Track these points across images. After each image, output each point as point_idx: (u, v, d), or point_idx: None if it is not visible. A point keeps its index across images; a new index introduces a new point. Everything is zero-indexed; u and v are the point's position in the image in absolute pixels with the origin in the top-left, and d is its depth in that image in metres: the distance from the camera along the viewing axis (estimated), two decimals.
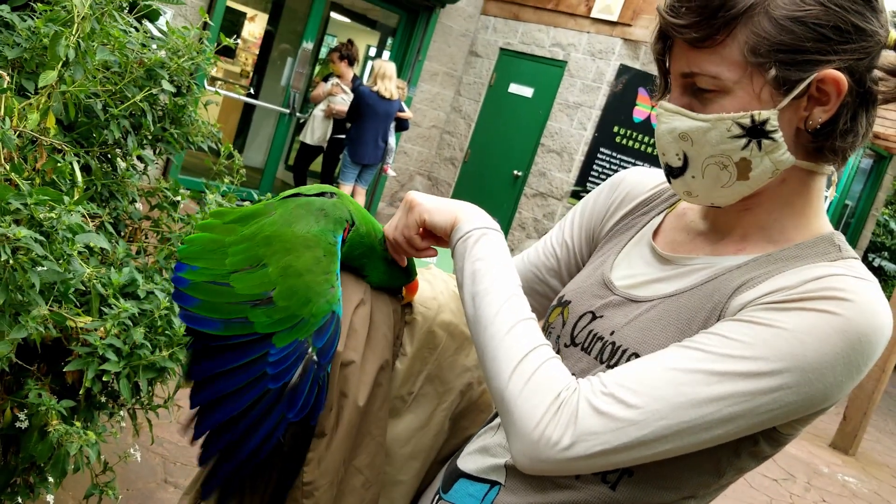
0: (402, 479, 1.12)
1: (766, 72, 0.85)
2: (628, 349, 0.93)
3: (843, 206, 10.07)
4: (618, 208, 1.13)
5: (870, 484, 6.00)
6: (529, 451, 0.84)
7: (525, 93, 8.79)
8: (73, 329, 1.51)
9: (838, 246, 0.92)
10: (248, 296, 0.96)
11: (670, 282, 0.97)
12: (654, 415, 0.81)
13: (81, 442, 1.44)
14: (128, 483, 2.71)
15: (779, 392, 0.81)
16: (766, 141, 0.87)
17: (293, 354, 0.94)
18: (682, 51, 0.89)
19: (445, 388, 1.15)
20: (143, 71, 1.84)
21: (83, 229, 1.46)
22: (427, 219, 1.03)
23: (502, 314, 0.91)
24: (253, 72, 11.23)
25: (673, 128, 0.91)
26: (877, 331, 0.81)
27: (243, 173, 2.30)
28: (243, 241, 1.01)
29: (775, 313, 0.82)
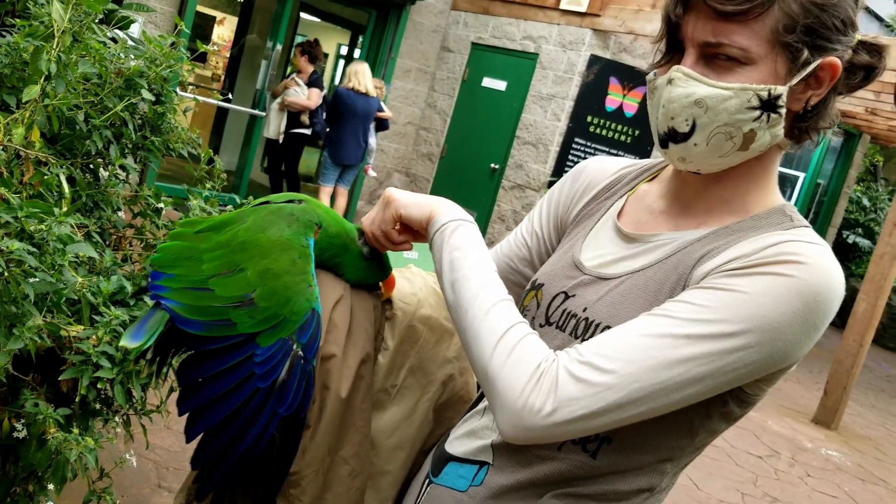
0: (388, 469, 1.16)
1: (790, 51, 0.91)
2: (601, 323, 0.99)
3: (815, 185, 10.20)
4: (582, 195, 1.19)
5: (852, 457, 6.12)
6: (514, 420, 0.89)
7: (498, 86, 8.84)
8: (66, 338, 1.54)
9: (790, 216, 0.98)
10: (229, 298, 0.99)
11: (636, 258, 1.03)
12: (628, 378, 0.87)
13: (80, 448, 1.46)
14: (122, 489, 2.73)
15: (742, 351, 0.87)
16: (774, 115, 0.93)
17: (279, 353, 0.98)
18: (707, 19, 0.92)
19: (428, 380, 1.19)
20: (123, 81, 1.86)
21: (73, 240, 1.49)
22: (403, 213, 1.08)
23: (481, 297, 0.96)
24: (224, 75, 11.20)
25: (690, 93, 0.94)
26: (830, 290, 0.87)
27: (224, 178, 2.32)
28: (219, 248, 1.05)
29: (735, 279, 0.89)
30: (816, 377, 8.57)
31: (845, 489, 5.30)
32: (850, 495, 5.20)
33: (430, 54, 9.41)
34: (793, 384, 8.00)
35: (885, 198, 13.92)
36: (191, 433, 0.98)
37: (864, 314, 6.62)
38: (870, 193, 14.11)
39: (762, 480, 4.98)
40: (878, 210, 13.67)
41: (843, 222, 12.72)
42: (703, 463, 4.95)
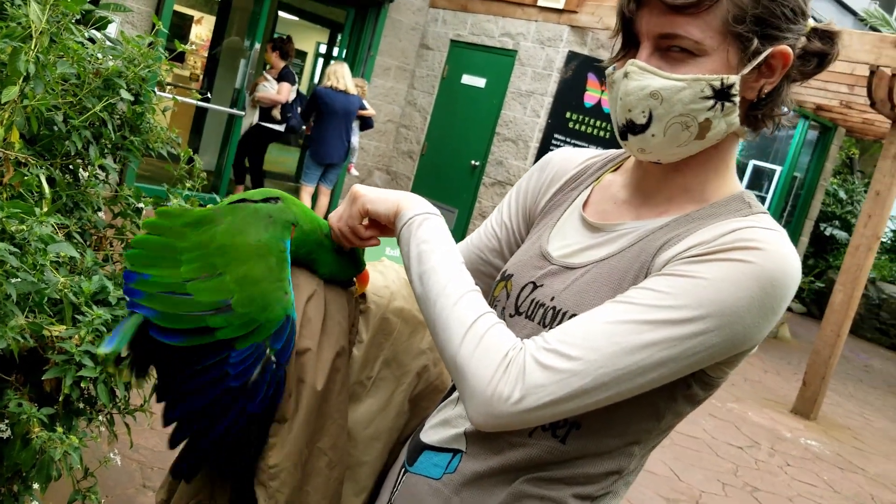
0: (366, 459, 1.18)
1: (741, 41, 0.94)
2: (567, 311, 1.02)
3: (792, 178, 10.30)
4: (549, 186, 1.22)
5: (831, 446, 6.20)
6: (484, 408, 0.91)
7: (478, 83, 8.86)
8: (49, 338, 1.54)
9: (748, 203, 1.01)
10: (207, 304, 1.01)
11: (601, 247, 1.06)
12: (593, 364, 0.89)
13: (64, 447, 1.47)
14: (107, 489, 2.73)
15: (703, 336, 0.89)
16: (727, 103, 0.96)
17: (252, 357, 1.01)
18: (660, 13, 0.95)
19: (402, 371, 1.22)
20: (101, 81, 1.86)
21: (54, 240, 1.50)
22: (370, 208, 1.09)
23: (449, 288, 0.98)
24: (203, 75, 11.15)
25: (645, 85, 0.97)
26: (786, 275, 0.90)
27: (204, 177, 2.33)
28: (196, 249, 1.05)
29: (695, 265, 0.91)
30: (795, 368, 8.67)
31: (824, 478, 5.37)
32: (829, 484, 5.27)
33: (409, 52, 9.42)
34: (772, 375, 8.09)
35: (861, 190, 14.08)
36: (167, 418, 1.02)
37: (841, 305, 6.70)
38: (846, 186, 14.26)
39: (742, 470, 5.04)
40: (855, 202, 13.82)
41: (820, 215, 12.86)
42: (684, 454, 5.00)
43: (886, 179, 6.47)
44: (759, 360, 8.63)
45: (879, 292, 12.64)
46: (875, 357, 11.44)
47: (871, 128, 9.93)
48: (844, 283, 6.70)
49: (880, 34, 6.23)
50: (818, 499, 4.92)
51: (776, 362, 8.83)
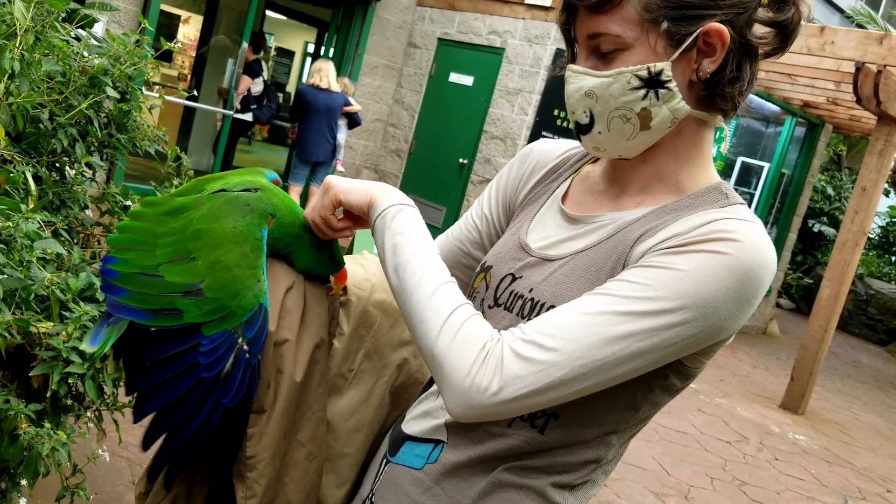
0: (347, 451, 1.19)
1: (659, 26, 0.95)
2: (545, 303, 1.02)
3: (780, 175, 10.35)
4: (529, 178, 1.23)
5: (819, 441, 6.24)
6: (462, 400, 0.91)
7: (465, 81, 8.87)
8: (36, 334, 1.54)
9: (726, 194, 1.02)
10: (177, 285, 1.01)
11: (579, 239, 1.07)
12: (571, 355, 0.90)
13: (52, 442, 1.47)
14: (96, 487, 2.73)
15: (679, 327, 0.90)
16: (662, 90, 0.97)
17: (224, 345, 1.00)
18: (585, 17, 0.99)
19: (383, 364, 1.22)
20: (87, 79, 1.87)
21: (40, 236, 1.50)
22: (343, 199, 1.09)
23: (425, 280, 0.98)
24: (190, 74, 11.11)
25: (580, 87, 1.01)
26: (762, 266, 0.91)
27: (192, 175, 2.33)
28: (173, 234, 1.06)
29: (671, 257, 0.92)
30: (783, 363, 8.72)
31: (812, 472, 5.41)
32: (817, 477, 5.31)
33: (396, 50, 9.43)
34: (760, 371, 8.14)
35: (849, 186, 14.16)
36: (138, 414, 1.01)
37: (829, 300, 6.75)
38: (834, 183, 14.35)
39: (731, 465, 5.07)
40: (843, 199, 13.91)
41: (808, 211, 12.93)
42: (672, 449, 5.03)
43: (872, 175, 6.52)
44: (748, 355, 8.68)
45: (867, 288, 12.72)
46: (863, 352, 11.51)
47: (857, 124, 9.99)
48: (832, 278, 6.74)
49: (866, 31, 6.27)
50: (806, 492, 4.95)
51: (765, 357, 8.88)
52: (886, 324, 12.59)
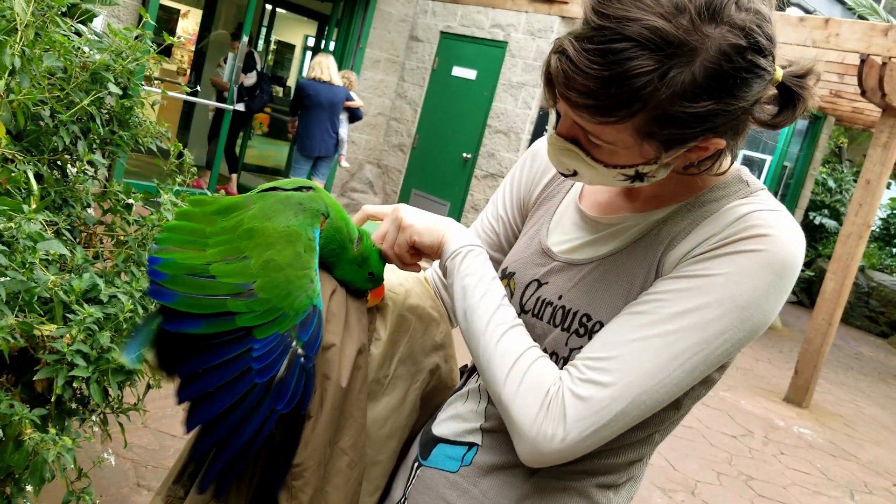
0: (380, 459, 1.16)
1: (653, 143, 0.89)
2: (579, 311, 1.01)
3: (782, 168, 10.32)
4: (541, 177, 1.21)
5: (824, 434, 6.22)
6: (531, 448, 0.93)
7: (468, 75, 8.83)
8: (40, 337, 1.51)
9: (746, 182, 1.00)
10: (228, 286, 0.97)
11: (604, 243, 1.05)
12: (629, 387, 0.90)
13: (58, 448, 1.44)
14: (101, 489, 2.70)
15: (728, 332, 0.91)
16: (647, 178, 0.95)
17: (277, 348, 0.96)
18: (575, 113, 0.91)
19: (417, 369, 1.20)
20: (88, 75, 1.83)
21: (43, 237, 1.47)
22: (417, 240, 1.09)
23: (492, 325, 0.99)
24: (190, 69, 11.07)
25: (564, 158, 0.97)
26: (794, 255, 0.91)
27: (195, 171, 2.30)
28: (224, 233, 1.02)
29: (707, 263, 0.92)
30: (787, 357, 8.70)
31: (818, 466, 5.39)
32: (823, 471, 5.29)
33: (398, 44, 9.38)
34: (764, 364, 8.12)
35: (850, 179, 14.12)
36: (189, 424, 0.96)
37: (833, 293, 6.72)
38: (835, 175, 14.30)
39: (737, 460, 5.04)
40: (844, 191, 13.87)
41: (810, 204, 12.90)
42: (678, 444, 5.01)
43: (876, 168, 6.48)
44: (751, 348, 8.66)
45: (869, 280, 12.69)
46: (865, 345, 11.49)
47: (860, 116, 9.95)
48: (836, 271, 6.71)
49: (870, 23, 6.22)
50: (812, 487, 4.93)
51: (768, 351, 8.85)
52: (888, 316, 12.56)
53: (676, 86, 0.83)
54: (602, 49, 0.83)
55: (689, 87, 0.83)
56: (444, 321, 1.23)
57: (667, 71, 0.82)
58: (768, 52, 0.87)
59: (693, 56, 0.82)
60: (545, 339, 1.04)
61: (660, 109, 0.84)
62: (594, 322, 0.99)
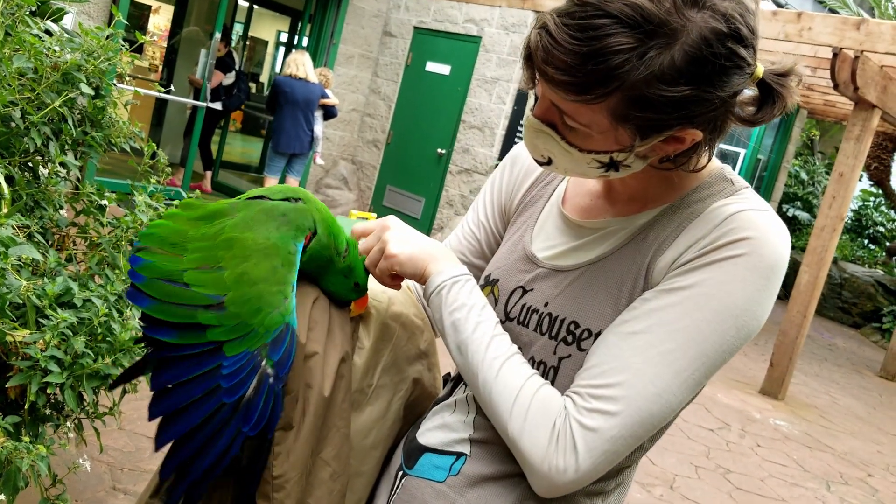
0: (364, 470, 1.14)
1: (629, 128, 0.88)
2: (566, 318, 1.00)
3: (756, 161, 10.41)
4: (522, 182, 1.19)
5: (800, 426, 6.29)
6: (545, 483, 0.93)
7: (442, 70, 8.81)
8: (12, 343, 1.48)
9: (730, 180, 0.99)
10: (200, 296, 0.94)
11: (589, 248, 1.03)
12: (637, 412, 0.90)
13: (32, 457, 1.41)
14: (76, 493, 2.66)
15: (725, 342, 0.91)
16: (622, 167, 0.94)
17: (246, 367, 0.93)
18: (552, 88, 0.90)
19: (401, 378, 1.18)
20: (60, 75, 1.80)
21: (15, 242, 1.44)
22: (399, 270, 1.06)
23: (488, 359, 0.98)
24: (162, 66, 10.95)
25: (540, 142, 0.96)
26: (782, 255, 0.91)
27: (169, 171, 2.26)
28: (204, 240, 1.00)
29: (696, 273, 0.91)
30: (762, 349, 8.78)
31: (794, 457, 5.44)
32: (799, 463, 5.34)
33: (372, 39, 9.34)
34: (740, 357, 8.19)
35: (822, 171, 14.28)
36: (159, 441, 0.93)
37: (807, 286, 6.78)
38: (807, 167, 14.46)
39: (714, 453, 5.08)
40: (816, 183, 14.03)
41: (784, 196, 13.03)
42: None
43: (850, 161, 6.55)
44: None
45: (841, 272, 12.85)
46: (838, 336, 11.64)
47: (832, 109, 10.06)
48: (810, 264, 6.77)
49: (843, 17, 6.29)
50: (789, 479, 4.98)
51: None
52: (860, 307, 12.73)
53: (654, 67, 0.82)
54: (582, 24, 0.82)
55: (667, 69, 0.82)
56: (427, 329, 1.21)
57: (646, 51, 0.81)
58: (749, 43, 0.86)
59: (673, 38, 0.82)
60: (532, 348, 1.02)
61: (637, 90, 0.83)
62: (582, 329, 0.98)
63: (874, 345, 11.78)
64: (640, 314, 0.93)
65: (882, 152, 12.71)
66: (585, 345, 0.97)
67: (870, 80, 6.25)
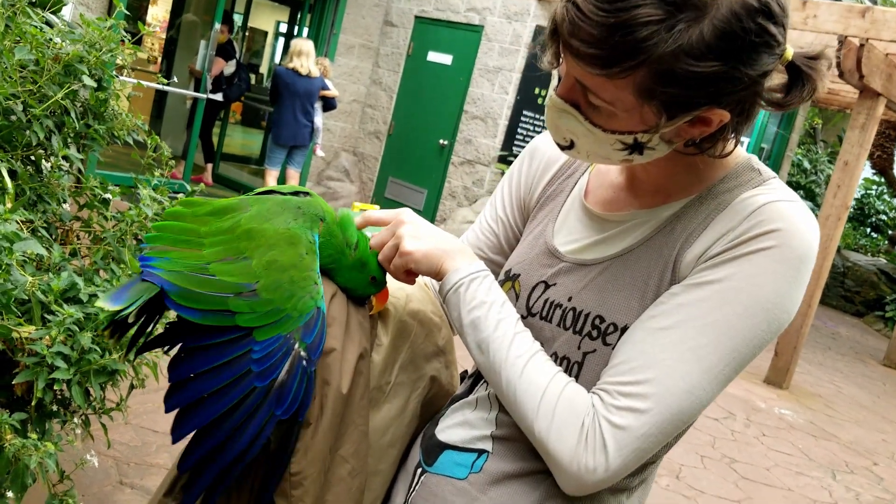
0: (381, 468, 1.13)
1: (654, 106, 0.86)
2: (591, 312, 0.98)
3: (760, 149, 10.37)
4: (542, 176, 1.17)
5: (804, 415, 6.28)
6: (575, 482, 0.92)
7: (444, 60, 8.77)
8: (18, 340, 1.46)
9: (758, 170, 0.97)
10: (230, 285, 0.93)
11: (614, 241, 1.01)
12: (666, 409, 0.89)
13: (40, 454, 1.40)
14: (83, 488, 2.65)
15: (756, 336, 0.89)
16: (647, 150, 0.92)
17: (279, 351, 0.93)
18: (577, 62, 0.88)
19: (418, 375, 1.17)
20: (61, 67, 1.77)
21: (19, 237, 1.42)
22: (414, 268, 1.04)
23: (511, 357, 0.96)
24: (162, 57, 10.90)
25: (562, 122, 0.94)
26: (811, 247, 0.89)
27: (173, 164, 2.24)
28: (220, 234, 0.99)
29: (726, 267, 0.89)
30: None
31: (799, 446, 5.43)
32: (804, 452, 5.34)
33: (372, 29, 9.29)
34: None
35: (825, 160, 14.24)
36: (178, 433, 0.91)
37: (812, 275, 6.74)
38: (810, 156, 14.42)
39: (720, 442, 5.07)
40: (818, 172, 13.99)
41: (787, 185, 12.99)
42: None
43: (855, 150, 6.52)
44: None
45: (844, 260, 12.83)
46: (841, 324, 11.63)
47: (835, 97, 10.01)
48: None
49: (848, 4, 6.24)
50: (794, 468, 4.97)
51: None
52: (863, 295, 12.71)
53: (683, 41, 0.80)
54: None
55: (695, 44, 0.80)
56: (445, 326, 1.19)
57: (674, 23, 0.79)
58: (779, 20, 0.84)
59: (703, 12, 0.80)
60: (555, 343, 1.00)
61: (664, 65, 0.81)
62: (608, 324, 0.96)
63: (877, 333, 11.77)
64: (668, 309, 0.91)
65: (885, 140, 12.67)
66: (611, 339, 0.96)
67: (875, 68, 6.21)
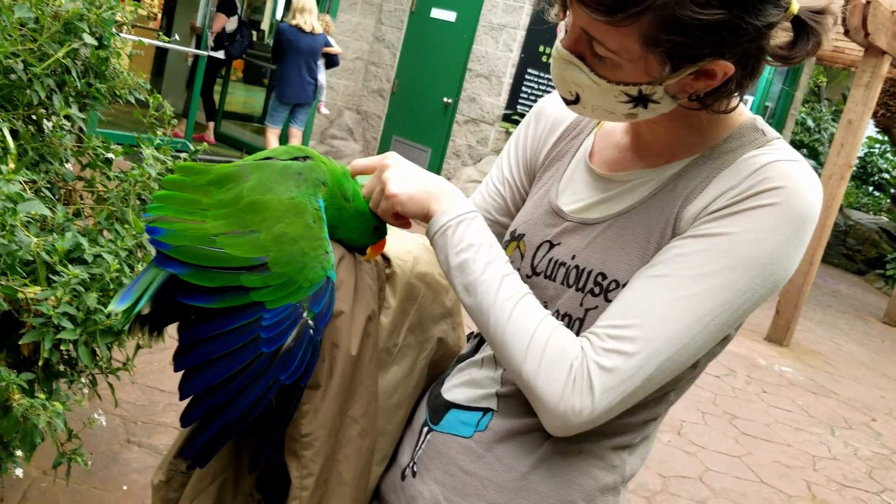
0: (388, 428, 1.14)
1: (659, 56, 0.86)
2: (593, 270, 0.98)
3: (764, 108, 10.29)
4: (548, 137, 1.17)
5: (804, 372, 6.32)
6: (560, 422, 0.91)
7: (448, 17, 8.66)
8: (24, 300, 1.47)
9: (762, 130, 0.97)
10: (241, 260, 0.94)
11: (617, 200, 1.01)
12: (655, 353, 0.89)
13: (49, 413, 1.41)
14: (91, 447, 2.68)
15: (751, 291, 0.89)
16: (651, 104, 0.92)
17: (287, 319, 0.94)
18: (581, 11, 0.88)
19: (426, 337, 1.18)
20: (62, 25, 1.75)
21: (23, 198, 1.41)
22: (401, 210, 1.03)
23: (500, 299, 0.95)
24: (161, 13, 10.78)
25: (567, 74, 0.93)
26: (812, 205, 0.89)
27: (175, 123, 2.23)
28: (224, 206, 0.98)
29: (726, 220, 0.89)
30: None
31: (799, 403, 5.48)
32: (804, 408, 5.39)
33: None
34: None
35: (829, 118, 14.14)
36: (185, 391, 0.93)
37: (814, 233, 6.75)
38: (814, 114, 14.31)
39: (721, 399, 5.12)
40: (822, 130, 13.89)
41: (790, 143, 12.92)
42: None
43: (859, 108, 6.47)
44: None
45: (846, 219, 12.81)
46: (842, 283, 11.65)
47: (840, 55, 9.90)
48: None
49: None
50: (794, 424, 5.02)
51: None
52: (864, 254, 12.72)
53: None
54: None
55: None
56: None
57: None
58: None
59: None
60: (558, 301, 1.01)
61: (669, 11, 0.81)
62: (609, 281, 0.96)
63: (878, 291, 11.80)
64: (665, 259, 0.92)
65: (889, 99, 12.56)
66: (612, 296, 0.96)
67: (881, 26, 6.14)
